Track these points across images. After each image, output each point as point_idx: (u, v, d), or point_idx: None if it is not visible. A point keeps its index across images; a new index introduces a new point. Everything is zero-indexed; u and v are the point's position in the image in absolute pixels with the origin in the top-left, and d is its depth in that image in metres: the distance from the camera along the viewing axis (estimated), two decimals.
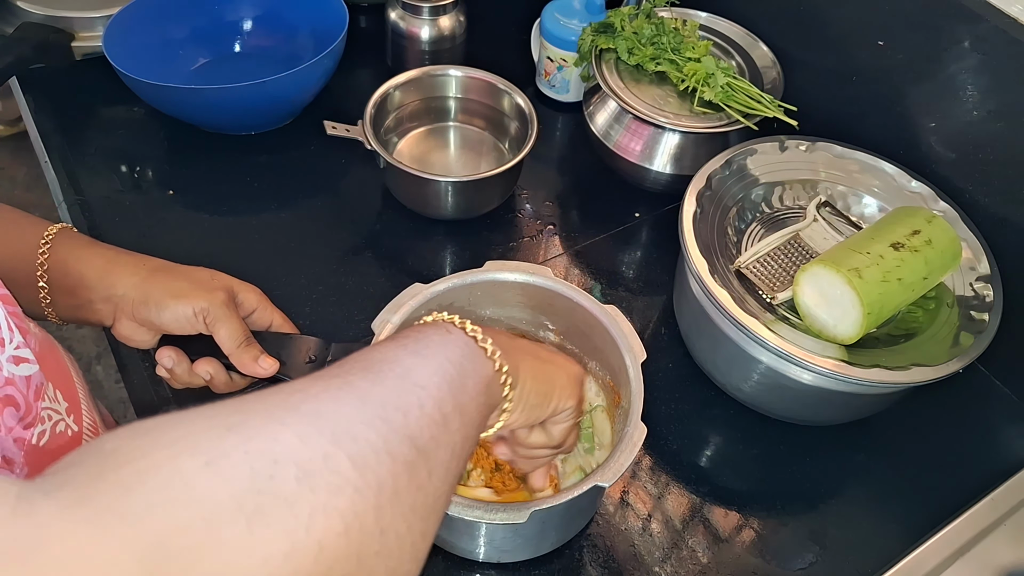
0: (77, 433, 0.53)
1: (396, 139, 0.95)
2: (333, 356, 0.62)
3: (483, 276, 0.66)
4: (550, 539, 0.64)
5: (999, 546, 0.64)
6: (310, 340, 0.63)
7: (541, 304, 0.68)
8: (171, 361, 0.60)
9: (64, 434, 0.51)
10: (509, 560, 0.65)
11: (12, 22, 0.97)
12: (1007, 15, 0.72)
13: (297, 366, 0.61)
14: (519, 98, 0.91)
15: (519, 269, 0.67)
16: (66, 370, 0.57)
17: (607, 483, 0.54)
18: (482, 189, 0.86)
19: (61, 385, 0.53)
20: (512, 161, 0.84)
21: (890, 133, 0.84)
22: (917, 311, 0.70)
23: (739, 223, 0.76)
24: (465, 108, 0.96)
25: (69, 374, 0.57)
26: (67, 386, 0.55)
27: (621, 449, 0.56)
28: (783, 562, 0.67)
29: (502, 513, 0.52)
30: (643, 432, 0.57)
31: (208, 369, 0.60)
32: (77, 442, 0.53)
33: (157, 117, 0.97)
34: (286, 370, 0.60)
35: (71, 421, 0.52)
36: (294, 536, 0.28)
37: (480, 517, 0.52)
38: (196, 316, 0.59)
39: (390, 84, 0.90)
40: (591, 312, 0.65)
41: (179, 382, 0.61)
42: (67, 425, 0.51)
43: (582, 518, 0.66)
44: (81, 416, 0.55)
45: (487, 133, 0.97)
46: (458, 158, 0.96)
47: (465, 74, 0.94)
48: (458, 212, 0.88)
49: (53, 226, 0.60)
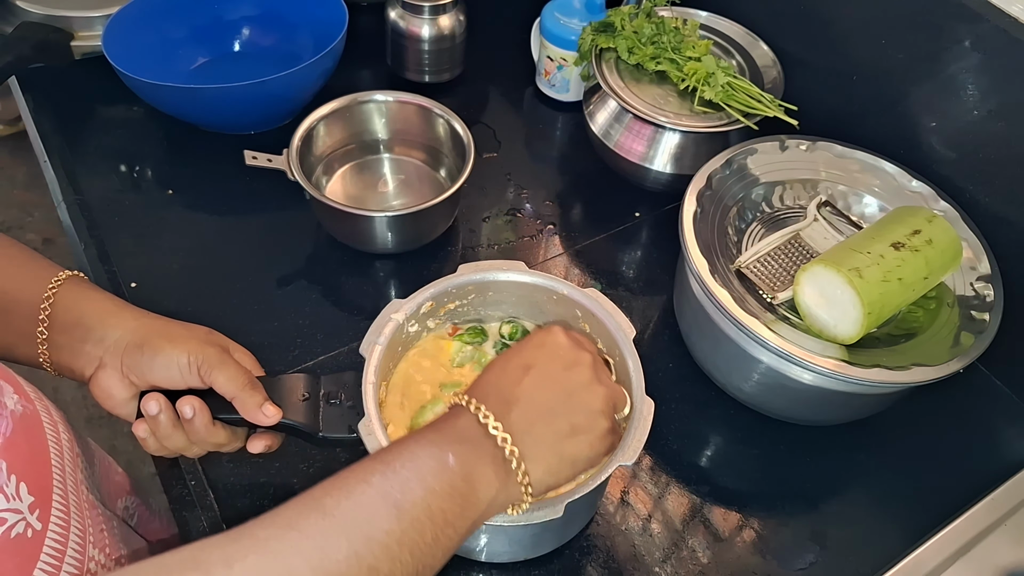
0: (39, 532, 0.50)
1: (325, 177, 0.90)
2: (325, 389, 0.61)
3: (461, 279, 0.65)
4: (552, 537, 0.64)
5: (999, 546, 0.64)
6: (300, 378, 0.61)
7: (525, 300, 0.68)
8: (157, 407, 0.55)
9: (22, 536, 0.48)
10: (508, 560, 0.65)
11: (11, 21, 0.97)
12: (1007, 15, 0.72)
13: (294, 406, 0.59)
14: (456, 123, 0.87)
15: (493, 268, 0.66)
16: (44, 453, 0.54)
17: (629, 462, 0.54)
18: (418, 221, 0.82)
19: (30, 475, 0.51)
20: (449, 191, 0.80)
21: (891, 133, 0.84)
22: (918, 311, 0.70)
23: (739, 223, 0.76)
24: (400, 138, 0.92)
25: (47, 457, 0.54)
26: (39, 474, 0.52)
27: (635, 425, 0.56)
28: (783, 562, 0.67)
29: (539, 512, 0.51)
30: (651, 406, 0.57)
31: (192, 404, 0.55)
32: (38, 544, 0.50)
33: (156, 116, 0.97)
34: (285, 413, 0.58)
35: (34, 519, 0.50)
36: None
37: (516, 521, 0.50)
38: (190, 365, 0.55)
39: (316, 116, 0.85)
40: (573, 298, 0.65)
41: (158, 438, 0.57)
42: (27, 524, 0.49)
43: (584, 515, 0.66)
44: (49, 509, 0.52)
45: (424, 164, 0.93)
46: (394, 191, 0.92)
47: (396, 99, 0.89)
48: (396, 246, 0.84)
49: (64, 271, 0.58)
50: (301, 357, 0.76)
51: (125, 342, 0.56)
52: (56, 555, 0.52)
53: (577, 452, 0.49)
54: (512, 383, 0.48)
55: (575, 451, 0.49)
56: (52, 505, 0.53)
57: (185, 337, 0.57)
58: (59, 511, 0.53)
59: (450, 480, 0.43)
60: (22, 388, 0.57)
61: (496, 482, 0.45)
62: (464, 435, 0.46)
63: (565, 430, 0.48)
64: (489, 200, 0.93)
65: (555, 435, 0.48)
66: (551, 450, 0.48)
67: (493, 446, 0.46)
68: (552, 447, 0.48)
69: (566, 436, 0.48)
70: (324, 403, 0.60)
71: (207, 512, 0.66)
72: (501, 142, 1.00)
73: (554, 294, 0.66)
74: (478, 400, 0.47)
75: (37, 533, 0.50)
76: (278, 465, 0.68)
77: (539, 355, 0.51)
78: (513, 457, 0.46)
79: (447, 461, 0.44)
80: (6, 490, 0.48)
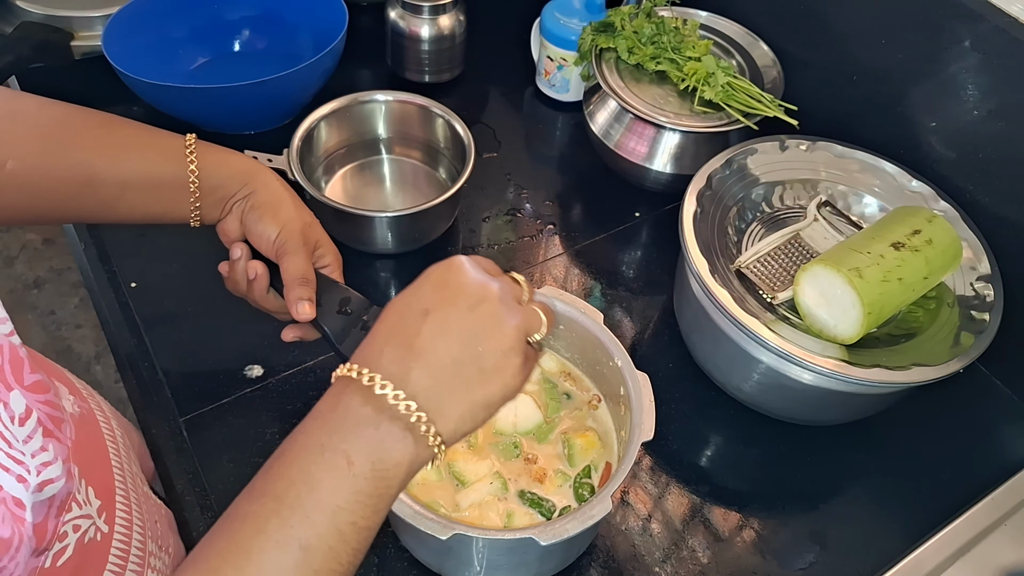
0: (107, 535, 0.51)
1: (325, 177, 0.91)
2: (368, 319, 0.61)
3: None
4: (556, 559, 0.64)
5: (999, 546, 0.64)
6: (353, 296, 0.63)
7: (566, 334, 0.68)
8: (239, 254, 0.63)
9: (93, 541, 0.49)
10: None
11: (12, 21, 0.97)
12: (1007, 15, 0.72)
13: (332, 314, 0.62)
14: (456, 123, 0.87)
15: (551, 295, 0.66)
16: (103, 453, 0.56)
17: (649, 437, 0.55)
18: (418, 221, 0.82)
19: (96, 476, 0.52)
20: (450, 191, 0.80)
21: (890, 132, 0.84)
22: (918, 311, 0.70)
23: (739, 223, 0.76)
24: (400, 138, 0.92)
25: (107, 457, 0.56)
26: (102, 476, 0.54)
27: (638, 406, 0.57)
28: (783, 562, 0.67)
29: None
30: (645, 379, 0.61)
31: (256, 269, 0.63)
32: (106, 546, 0.51)
33: (156, 116, 0.96)
34: (320, 317, 0.62)
35: (102, 522, 0.51)
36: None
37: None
38: (273, 243, 0.63)
39: (316, 116, 0.85)
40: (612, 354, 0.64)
41: (232, 279, 0.65)
42: (97, 528, 0.50)
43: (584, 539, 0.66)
44: (114, 510, 0.53)
45: (424, 164, 0.93)
46: (394, 191, 0.92)
47: (396, 99, 0.89)
48: (397, 247, 0.85)
49: (186, 138, 0.64)
50: (301, 357, 0.76)
51: (250, 200, 0.64)
52: (122, 555, 0.53)
53: (489, 396, 0.44)
54: (411, 335, 0.43)
55: (487, 395, 0.44)
56: (116, 505, 0.54)
57: (285, 218, 0.63)
58: (122, 511, 0.54)
59: (354, 486, 0.40)
60: (75, 387, 0.58)
61: (405, 455, 0.41)
62: (358, 418, 0.41)
63: (475, 377, 0.43)
64: (489, 200, 0.93)
65: (464, 385, 0.43)
66: (462, 401, 0.43)
67: (393, 415, 0.41)
68: (462, 398, 0.43)
69: (477, 383, 0.43)
70: (360, 327, 0.62)
71: (207, 512, 0.66)
72: (501, 142, 1.00)
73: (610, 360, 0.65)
74: (371, 368, 0.42)
75: (105, 536, 0.51)
76: None
77: (439, 297, 0.44)
78: (421, 422, 0.41)
79: (345, 466, 0.40)
80: (78, 497, 0.47)
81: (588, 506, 0.54)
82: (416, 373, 0.42)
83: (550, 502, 0.61)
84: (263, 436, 0.70)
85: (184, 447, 0.69)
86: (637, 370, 0.61)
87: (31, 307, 1.98)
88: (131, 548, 0.54)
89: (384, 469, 0.41)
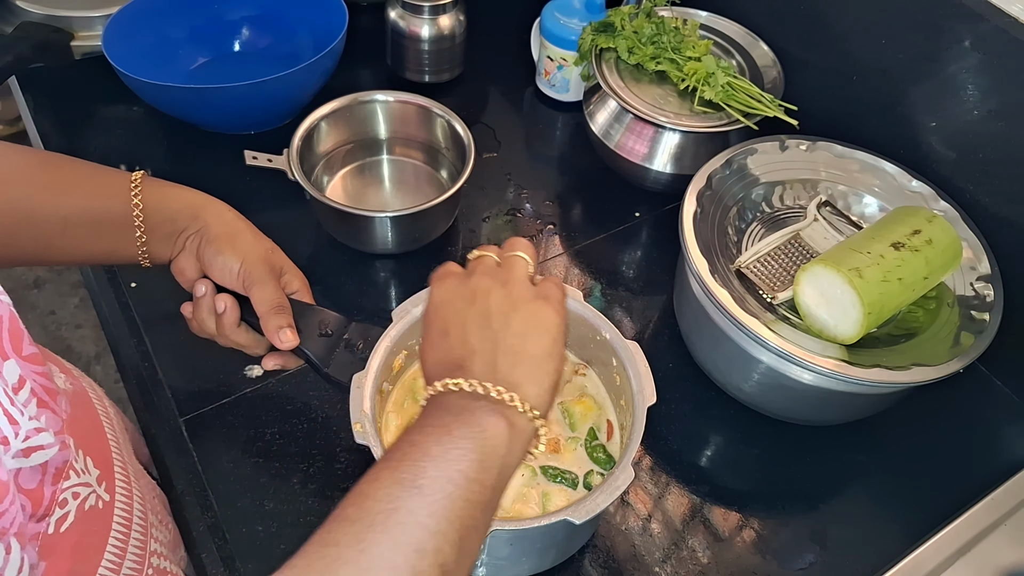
0: (108, 503, 0.53)
1: (326, 177, 0.90)
2: (349, 335, 0.63)
3: None
4: (554, 553, 0.64)
5: (999, 546, 0.64)
6: (332, 316, 0.64)
7: None
8: (203, 291, 0.62)
9: (95, 508, 0.51)
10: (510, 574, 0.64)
11: (11, 21, 0.97)
12: (1007, 15, 0.72)
13: (313, 337, 0.63)
14: (456, 123, 0.87)
15: None
16: (99, 427, 0.57)
17: (651, 401, 0.57)
18: (418, 221, 0.82)
19: (92, 449, 0.53)
20: (450, 191, 0.80)
21: (890, 133, 0.84)
22: (917, 311, 0.70)
23: (739, 223, 0.76)
24: (400, 138, 0.92)
25: (102, 431, 0.58)
26: (99, 448, 0.55)
27: (634, 372, 0.57)
28: (783, 562, 0.67)
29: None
30: (637, 348, 0.61)
31: (225, 302, 0.62)
32: (108, 514, 0.53)
33: (156, 116, 0.97)
34: (303, 342, 0.62)
35: (102, 490, 0.52)
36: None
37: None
38: (238, 274, 0.62)
39: (316, 116, 0.85)
40: (613, 343, 0.64)
41: (197, 319, 0.63)
42: (98, 496, 0.52)
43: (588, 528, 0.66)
44: (113, 480, 0.55)
45: (424, 164, 0.93)
46: (394, 191, 0.92)
47: (396, 99, 0.89)
48: (397, 247, 0.84)
49: (132, 174, 0.62)
50: None
51: (203, 235, 0.62)
52: (125, 523, 0.55)
53: (541, 346, 0.47)
54: (448, 352, 0.47)
55: (539, 348, 0.47)
56: (115, 476, 0.55)
57: (246, 248, 0.62)
58: (121, 481, 0.56)
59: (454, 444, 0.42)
60: (66, 367, 0.59)
61: (502, 422, 0.44)
62: (449, 407, 0.44)
63: (516, 343, 0.47)
64: (489, 200, 0.93)
65: (513, 352, 0.46)
66: (523, 364, 0.46)
67: (476, 399, 0.44)
68: (521, 362, 0.46)
69: (521, 345, 0.47)
70: (343, 346, 0.63)
71: (207, 512, 0.66)
72: (501, 142, 1.00)
73: (597, 334, 0.65)
74: (438, 384, 0.46)
75: (107, 504, 0.53)
76: (278, 465, 0.68)
77: (444, 314, 0.49)
78: (502, 395, 0.44)
79: (448, 431, 0.43)
80: (76, 465, 0.50)
81: (612, 477, 0.55)
82: (473, 368, 0.45)
83: (572, 473, 0.62)
84: (263, 436, 0.70)
85: (184, 447, 0.69)
86: (626, 340, 0.62)
87: (31, 307, 1.98)
88: (133, 517, 0.56)
89: (484, 431, 0.43)
